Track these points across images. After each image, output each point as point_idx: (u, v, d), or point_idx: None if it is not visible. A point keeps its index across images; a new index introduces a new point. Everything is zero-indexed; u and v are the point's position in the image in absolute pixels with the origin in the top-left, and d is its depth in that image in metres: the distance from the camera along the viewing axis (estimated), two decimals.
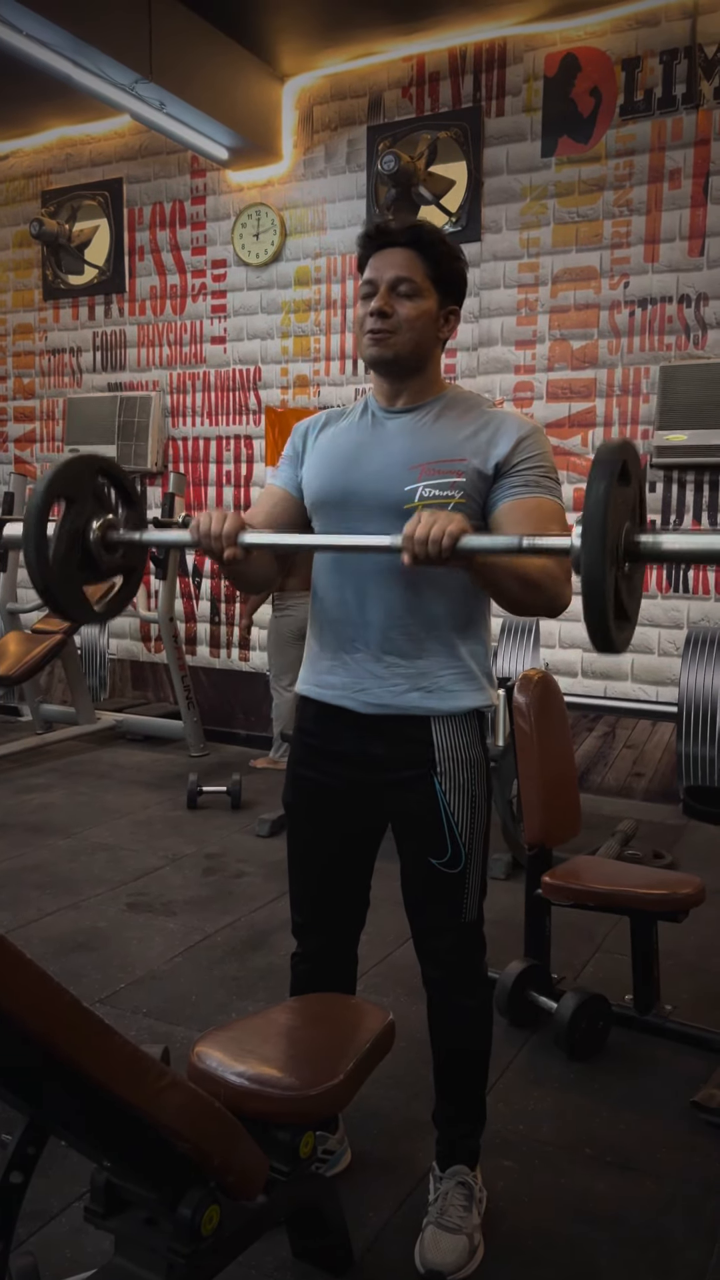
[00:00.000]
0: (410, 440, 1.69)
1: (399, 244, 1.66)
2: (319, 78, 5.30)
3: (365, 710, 1.72)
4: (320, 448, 1.77)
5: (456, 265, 1.71)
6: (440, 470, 1.64)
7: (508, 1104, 2.25)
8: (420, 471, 1.64)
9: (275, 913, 3.26)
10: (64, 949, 3.00)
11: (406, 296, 1.65)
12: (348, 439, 1.75)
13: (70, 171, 6.12)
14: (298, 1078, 1.49)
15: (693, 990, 2.76)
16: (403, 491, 1.64)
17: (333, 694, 1.75)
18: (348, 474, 1.70)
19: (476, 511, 1.66)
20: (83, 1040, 1.12)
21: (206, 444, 5.89)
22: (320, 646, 1.78)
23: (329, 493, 1.72)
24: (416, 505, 1.62)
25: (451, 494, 1.63)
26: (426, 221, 1.71)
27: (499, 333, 5.00)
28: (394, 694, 1.70)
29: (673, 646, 4.70)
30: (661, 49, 4.52)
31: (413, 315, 1.66)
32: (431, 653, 1.69)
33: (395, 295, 1.65)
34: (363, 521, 1.66)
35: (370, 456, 1.70)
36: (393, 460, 1.67)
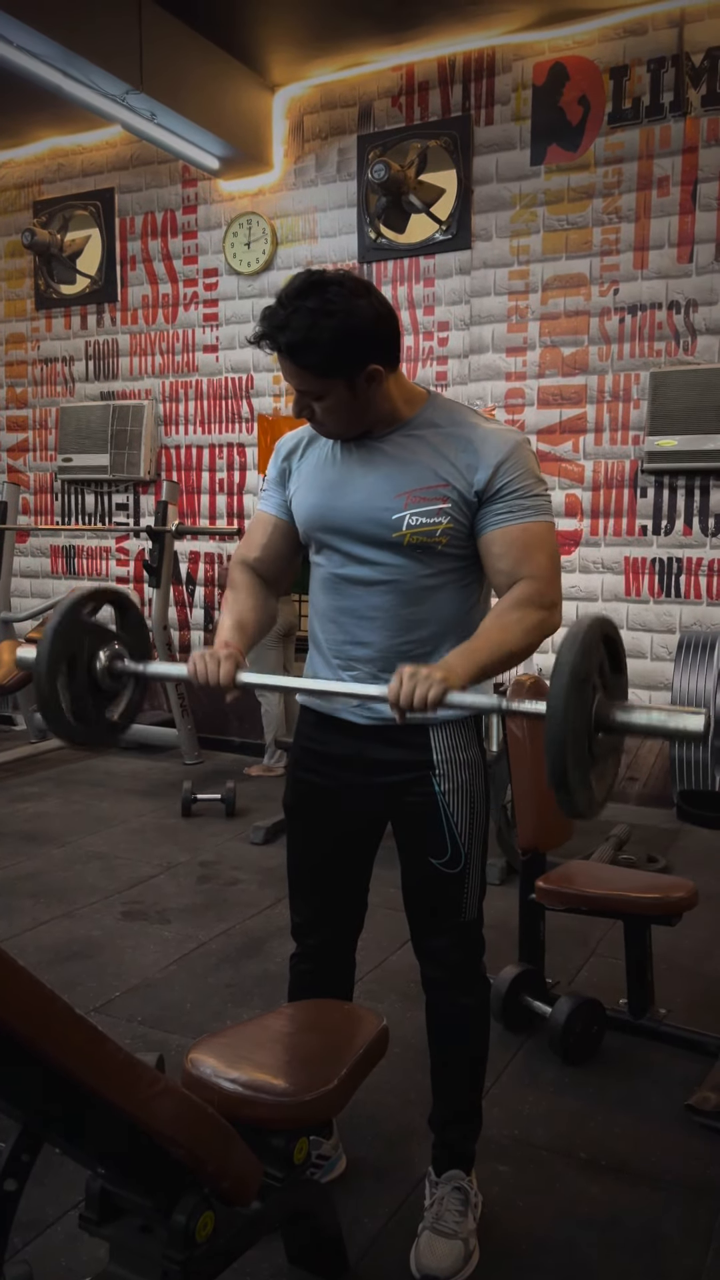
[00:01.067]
0: (395, 466, 1.67)
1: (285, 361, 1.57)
2: (309, 87, 5.32)
3: (365, 722, 1.75)
4: (306, 473, 1.76)
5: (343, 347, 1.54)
6: (425, 498, 1.64)
7: (503, 1108, 2.25)
8: (406, 499, 1.64)
9: (270, 920, 3.26)
10: (59, 958, 2.99)
11: (315, 399, 1.61)
12: (333, 465, 1.73)
13: (62, 181, 6.13)
14: (291, 1083, 1.50)
15: (687, 994, 2.77)
16: (390, 520, 1.65)
17: (331, 707, 1.78)
18: (334, 504, 1.70)
19: (464, 533, 1.66)
20: (75, 1047, 1.12)
21: (199, 452, 5.90)
22: (321, 660, 1.80)
23: (318, 523, 1.73)
24: (404, 533, 1.64)
25: (438, 520, 1.64)
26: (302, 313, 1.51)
27: (490, 340, 5.03)
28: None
29: (665, 651, 4.72)
30: (649, 57, 4.55)
31: (328, 411, 1.62)
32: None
33: (305, 399, 1.62)
34: (353, 548, 1.69)
35: (356, 484, 1.69)
36: (378, 489, 1.67)
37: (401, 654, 1.70)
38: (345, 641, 1.74)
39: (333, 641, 1.75)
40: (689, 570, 4.69)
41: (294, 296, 1.53)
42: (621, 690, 1.40)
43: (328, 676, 1.78)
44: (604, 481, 4.83)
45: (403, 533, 1.64)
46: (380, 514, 1.65)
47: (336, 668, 1.76)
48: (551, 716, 1.25)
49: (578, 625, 1.30)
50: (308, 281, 1.54)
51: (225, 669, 1.58)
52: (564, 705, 1.25)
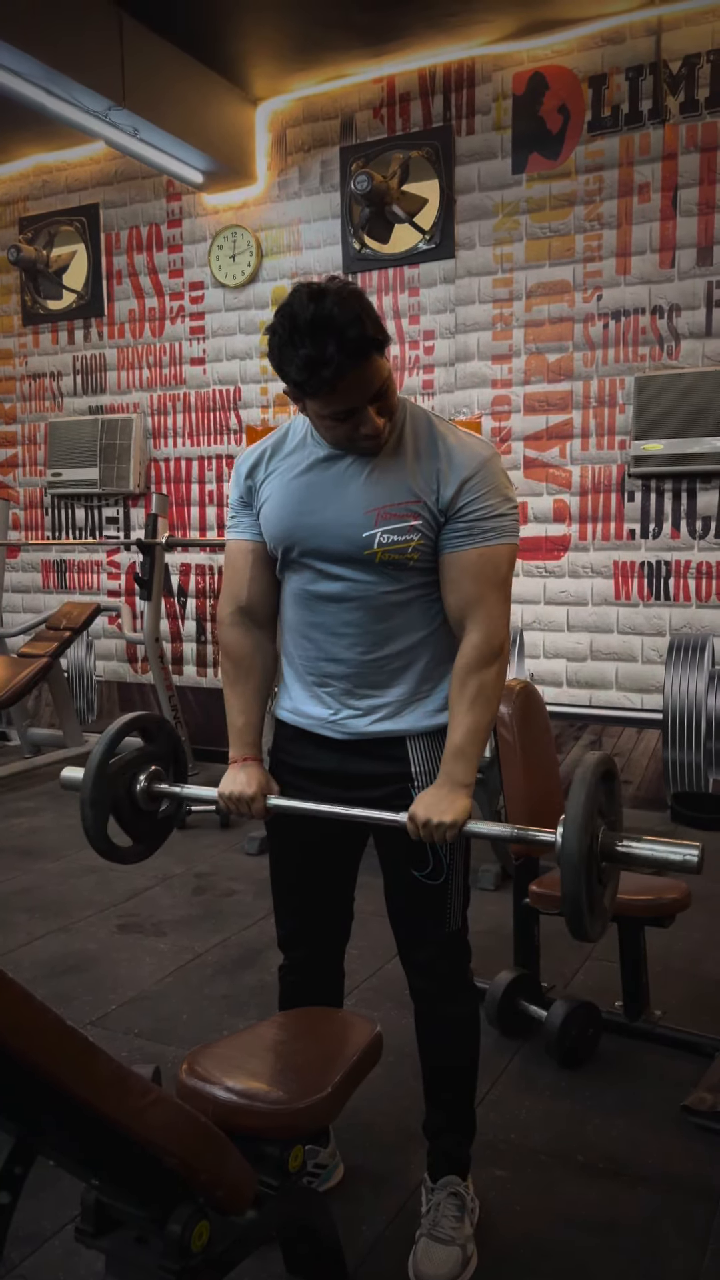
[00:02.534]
0: (365, 481, 1.64)
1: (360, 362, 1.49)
2: (291, 100, 5.36)
3: (342, 738, 1.75)
4: (272, 488, 1.71)
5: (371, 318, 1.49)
6: (396, 514, 1.62)
7: (499, 1113, 2.26)
8: (376, 516, 1.62)
9: (266, 930, 3.26)
10: (54, 972, 2.99)
11: (375, 399, 1.55)
12: (300, 479, 1.69)
13: (47, 198, 6.16)
14: (285, 1091, 1.50)
15: (682, 995, 2.77)
16: (361, 538, 1.63)
17: (309, 723, 1.77)
18: (304, 519, 1.67)
19: (434, 548, 1.65)
20: (66, 1059, 1.12)
21: (189, 464, 5.91)
22: (294, 675, 1.79)
23: (288, 537, 1.69)
24: (375, 551, 1.62)
25: (409, 538, 1.62)
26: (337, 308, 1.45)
27: (475, 348, 5.05)
28: (368, 722, 1.73)
29: (656, 654, 4.73)
30: (627, 66, 4.59)
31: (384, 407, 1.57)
32: (404, 683, 1.72)
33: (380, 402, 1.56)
34: (324, 564, 1.67)
35: (326, 501, 1.65)
36: (348, 506, 1.64)
37: (374, 668, 1.70)
38: (318, 658, 1.73)
39: (306, 658, 1.75)
40: (678, 573, 4.71)
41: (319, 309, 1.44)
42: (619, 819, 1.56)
43: (301, 692, 1.78)
44: (591, 486, 4.85)
45: (374, 550, 1.62)
46: (351, 531, 1.63)
47: (311, 684, 1.75)
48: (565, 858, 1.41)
49: (583, 770, 1.44)
50: (309, 294, 1.46)
51: (256, 808, 1.74)
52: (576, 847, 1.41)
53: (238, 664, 1.81)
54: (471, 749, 1.63)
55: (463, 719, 1.64)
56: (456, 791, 1.61)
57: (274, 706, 1.86)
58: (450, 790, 1.61)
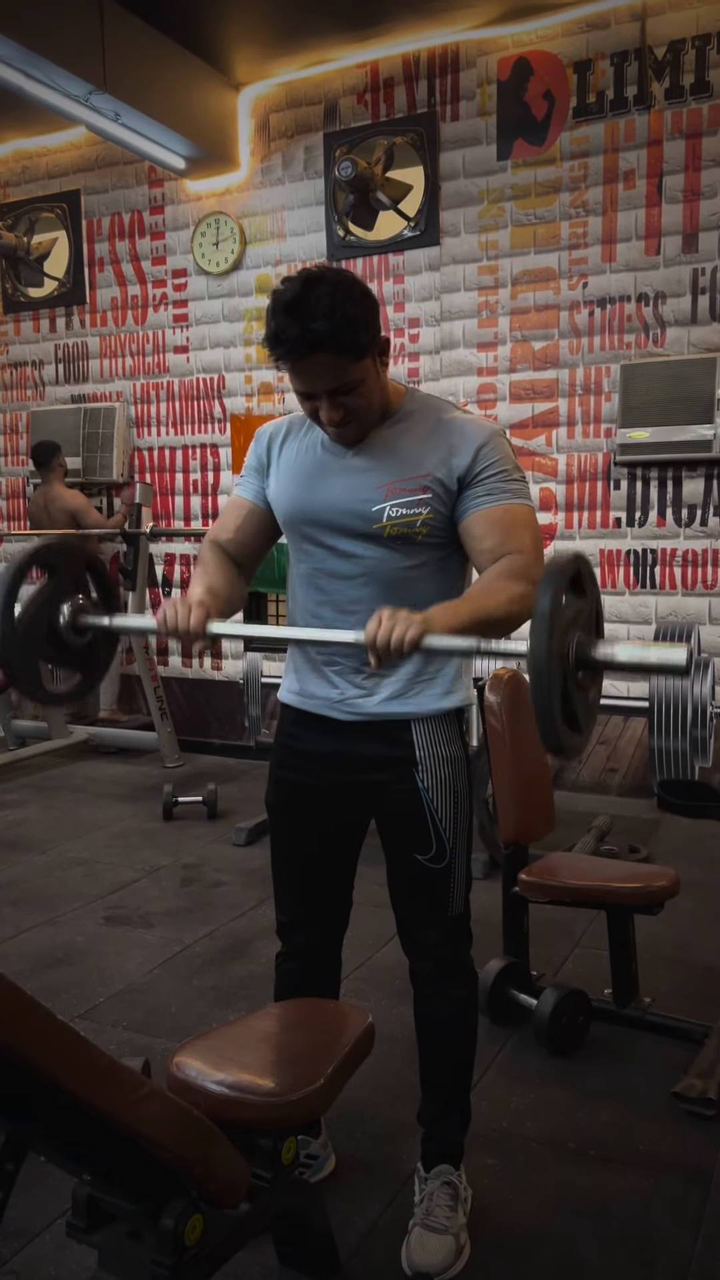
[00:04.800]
0: (374, 458, 1.67)
1: (314, 352, 1.50)
2: (274, 86, 5.31)
3: (345, 718, 1.74)
4: (285, 464, 1.75)
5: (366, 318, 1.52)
6: (405, 489, 1.64)
7: (490, 1102, 2.26)
8: (386, 491, 1.64)
9: (254, 921, 3.25)
10: (41, 965, 2.97)
11: (349, 393, 1.57)
12: (312, 457, 1.72)
13: (27, 184, 6.09)
14: (277, 1083, 1.49)
15: (671, 982, 2.78)
16: (370, 512, 1.65)
17: (314, 704, 1.77)
18: (314, 494, 1.69)
19: (445, 522, 1.66)
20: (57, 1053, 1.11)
21: (173, 453, 5.87)
22: (303, 659, 1.79)
23: (297, 513, 1.72)
24: (384, 525, 1.63)
25: (419, 511, 1.64)
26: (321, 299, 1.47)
27: (460, 335, 5.03)
28: (374, 703, 1.73)
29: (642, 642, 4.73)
30: (612, 51, 4.57)
31: (363, 402, 1.59)
32: (412, 661, 1.71)
33: (338, 398, 1.57)
34: (334, 540, 1.68)
35: (336, 476, 1.68)
36: (358, 481, 1.66)
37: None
38: None
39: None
40: (663, 561, 4.71)
41: (303, 293, 1.47)
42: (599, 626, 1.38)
43: (308, 672, 1.77)
44: (577, 475, 4.85)
45: (383, 524, 1.64)
46: (361, 505, 1.65)
47: (319, 663, 1.75)
48: (535, 654, 1.23)
49: (554, 562, 1.27)
50: (303, 278, 1.49)
51: (196, 615, 1.52)
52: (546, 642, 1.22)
53: (207, 564, 1.78)
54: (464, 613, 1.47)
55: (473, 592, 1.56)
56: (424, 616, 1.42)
57: (279, 691, 1.85)
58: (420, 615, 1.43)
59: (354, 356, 1.53)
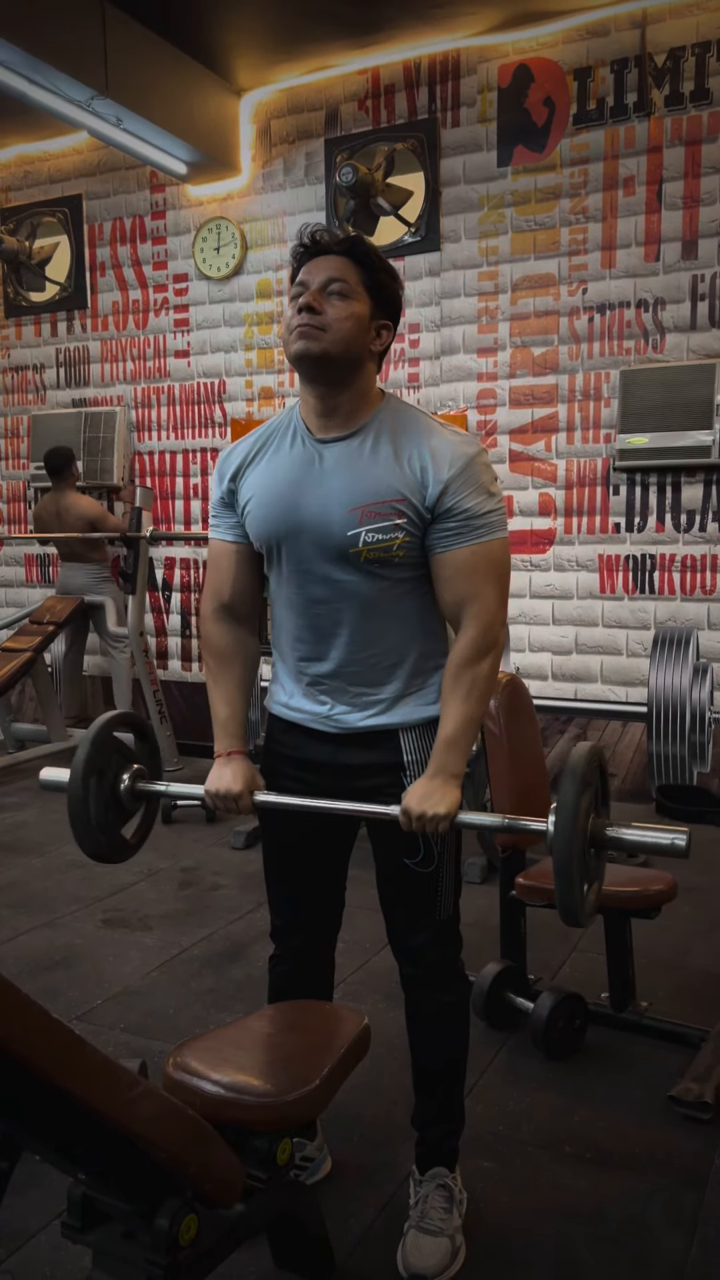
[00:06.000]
0: (348, 477, 1.63)
1: (334, 253, 1.62)
2: (275, 92, 5.33)
3: (336, 731, 1.75)
4: (256, 484, 1.71)
5: (391, 282, 1.66)
6: (380, 513, 1.61)
7: (487, 1105, 2.26)
8: (360, 515, 1.61)
9: (252, 924, 3.26)
10: (39, 967, 2.97)
11: (339, 295, 1.59)
12: (284, 475, 1.68)
13: (29, 188, 6.11)
14: (273, 1084, 1.49)
15: (668, 986, 2.78)
16: (345, 536, 1.62)
17: (302, 717, 1.78)
18: (288, 515, 1.66)
19: (418, 546, 1.64)
20: (53, 1051, 1.11)
21: (173, 458, 5.88)
22: (285, 670, 1.80)
23: (273, 536, 1.69)
24: (360, 550, 1.61)
25: (395, 535, 1.61)
26: (363, 235, 1.72)
27: (460, 341, 5.04)
28: (362, 716, 1.73)
29: (640, 647, 4.74)
30: (612, 59, 4.59)
31: (343, 315, 1.58)
32: (397, 679, 1.72)
33: (326, 295, 1.59)
34: (309, 562, 1.67)
35: (309, 496, 1.64)
36: (332, 501, 1.63)
37: (367, 666, 1.70)
38: (309, 658, 1.74)
39: (299, 658, 1.75)
40: (662, 566, 4.72)
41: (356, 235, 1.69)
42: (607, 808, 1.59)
43: (295, 689, 1.78)
44: (577, 480, 4.86)
45: (359, 549, 1.62)
46: (336, 528, 1.62)
47: (304, 683, 1.76)
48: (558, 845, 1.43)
49: (575, 759, 1.46)
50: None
51: (244, 805, 1.73)
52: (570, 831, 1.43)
53: (220, 658, 1.82)
54: (464, 740, 1.63)
55: (456, 710, 1.64)
56: (448, 783, 1.61)
57: (267, 699, 1.86)
58: (442, 782, 1.61)
59: (362, 275, 1.62)
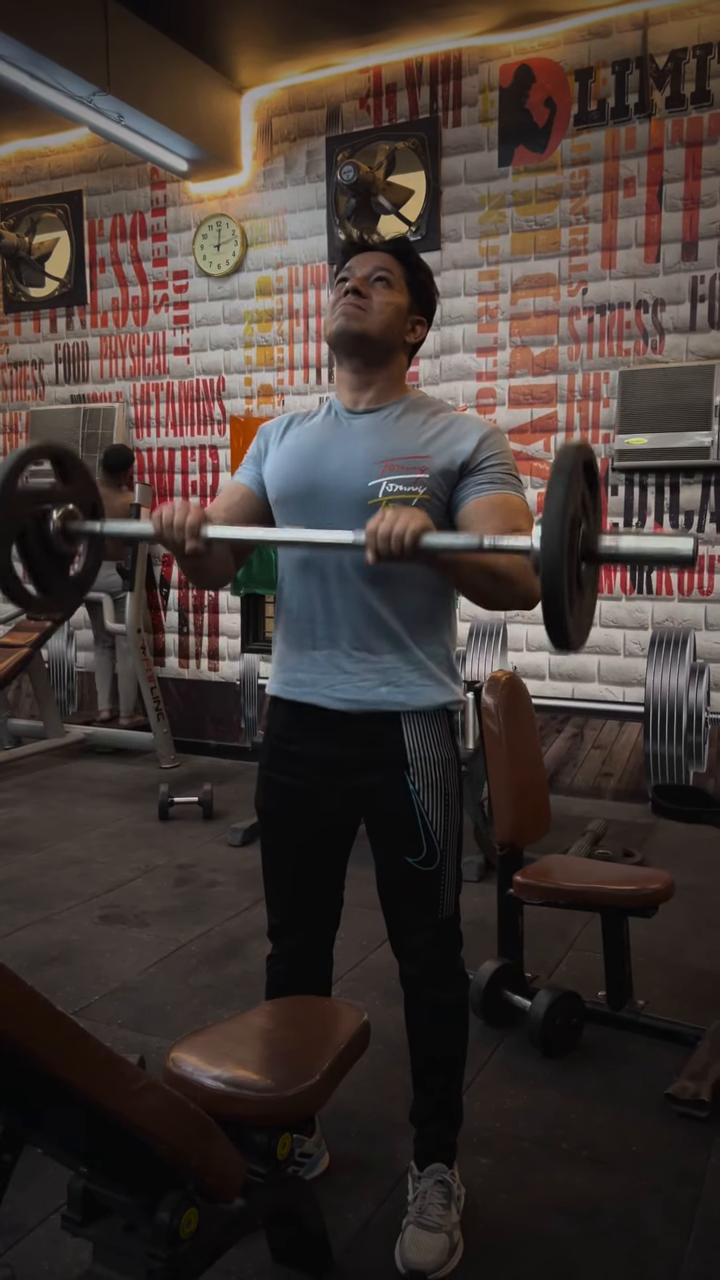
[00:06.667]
0: (375, 438, 1.69)
1: (381, 250, 1.76)
2: (277, 89, 5.33)
3: (335, 706, 1.72)
4: (285, 446, 1.78)
5: (430, 282, 1.79)
6: (404, 466, 1.65)
7: (484, 1102, 2.26)
8: (384, 467, 1.65)
9: (249, 921, 3.26)
10: (37, 963, 2.97)
11: (383, 284, 1.72)
12: (312, 436, 1.75)
13: (29, 184, 6.10)
14: (273, 1079, 1.50)
15: (665, 985, 2.79)
16: (366, 487, 1.65)
17: (301, 691, 1.75)
18: (311, 470, 1.71)
19: (440, 509, 1.66)
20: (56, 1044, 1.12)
21: (171, 454, 5.88)
22: (288, 646, 1.78)
23: (293, 487, 1.72)
24: (381, 500, 1.63)
25: (415, 489, 1.64)
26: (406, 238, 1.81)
27: (460, 340, 5.05)
28: (363, 689, 1.70)
29: (638, 647, 4.75)
30: (614, 60, 4.60)
31: (386, 301, 1.71)
32: (396, 649, 1.70)
33: (372, 283, 1.72)
34: (326, 516, 1.67)
35: (334, 453, 1.70)
36: (356, 456, 1.68)
37: (370, 630, 1.69)
38: (315, 621, 1.72)
39: (302, 623, 1.73)
40: (659, 568, 4.73)
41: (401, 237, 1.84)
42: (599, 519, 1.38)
43: (294, 660, 1.76)
44: None
45: (379, 499, 1.64)
46: (357, 479, 1.66)
47: (305, 648, 1.74)
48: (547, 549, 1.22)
49: (562, 455, 1.26)
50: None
51: (194, 515, 1.48)
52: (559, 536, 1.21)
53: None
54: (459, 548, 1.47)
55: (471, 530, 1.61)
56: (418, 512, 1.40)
57: (268, 686, 1.84)
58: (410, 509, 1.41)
59: (405, 273, 1.75)
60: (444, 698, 1.75)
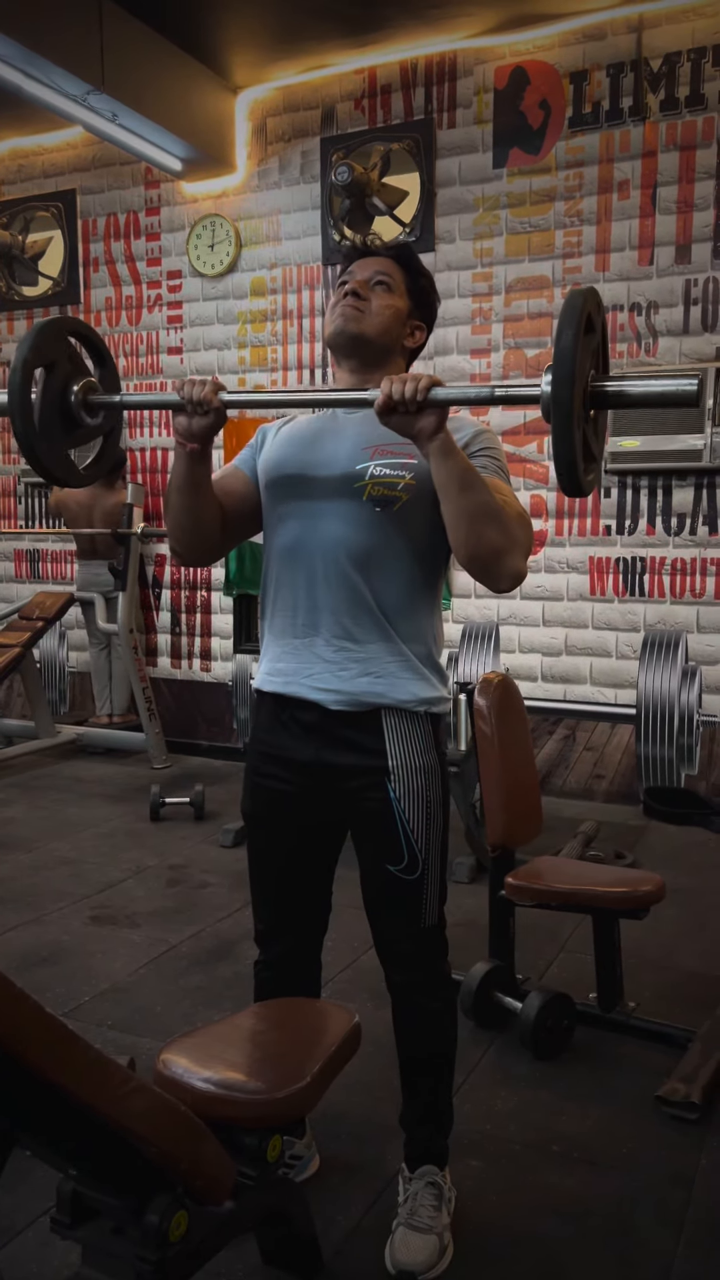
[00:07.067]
0: (368, 426, 1.68)
1: (383, 255, 1.79)
2: (271, 90, 5.33)
3: (314, 697, 1.70)
4: (281, 436, 1.83)
5: (431, 289, 1.82)
6: (393, 452, 1.66)
7: (474, 1104, 2.26)
8: (373, 451, 1.68)
9: (240, 922, 3.25)
10: (27, 964, 2.96)
11: (383, 287, 1.75)
12: (307, 428, 1.81)
13: (23, 183, 6.09)
14: (264, 1081, 1.49)
15: (655, 987, 2.79)
16: (354, 469, 1.67)
17: (283, 681, 1.74)
18: (302, 454, 1.74)
19: (427, 497, 1.63)
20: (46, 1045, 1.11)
21: (165, 454, 5.87)
22: (273, 636, 1.77)
23: (284, 470, 1.75)
24: (366, 483, 1.66)
25: (402, 474, 1.65)
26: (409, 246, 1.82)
27: (454, 341, 5.05)
28: (344, 679, 1.69)
29: (630, 650, 4.76)
30: (608, 63, 4.60)
31: (385, 304, 1.73)
32: (379, 638, 1.69)
33: (372, 286, 1.74)
34: (313, 496, 1.69)
35: (327, 440, 1.75)
36: (348, 442, 1.71)
37: (353, 618, 1.68)
38: (297, 608, 1.71)
39: (284, 612, 1.73)
40: (652, 569, 4.74)
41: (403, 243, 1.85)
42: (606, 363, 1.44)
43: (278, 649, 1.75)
44: None
45: (365, 483, 1.65)
46: (346, 462, 1.68)
47: (289, 636, 1.73)
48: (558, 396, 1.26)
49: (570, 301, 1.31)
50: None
51: (210, 387, 1.60)
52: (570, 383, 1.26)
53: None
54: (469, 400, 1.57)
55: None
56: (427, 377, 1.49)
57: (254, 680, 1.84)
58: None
59: (405, 279, 1.78)
60: (426, 693, 1.72)
